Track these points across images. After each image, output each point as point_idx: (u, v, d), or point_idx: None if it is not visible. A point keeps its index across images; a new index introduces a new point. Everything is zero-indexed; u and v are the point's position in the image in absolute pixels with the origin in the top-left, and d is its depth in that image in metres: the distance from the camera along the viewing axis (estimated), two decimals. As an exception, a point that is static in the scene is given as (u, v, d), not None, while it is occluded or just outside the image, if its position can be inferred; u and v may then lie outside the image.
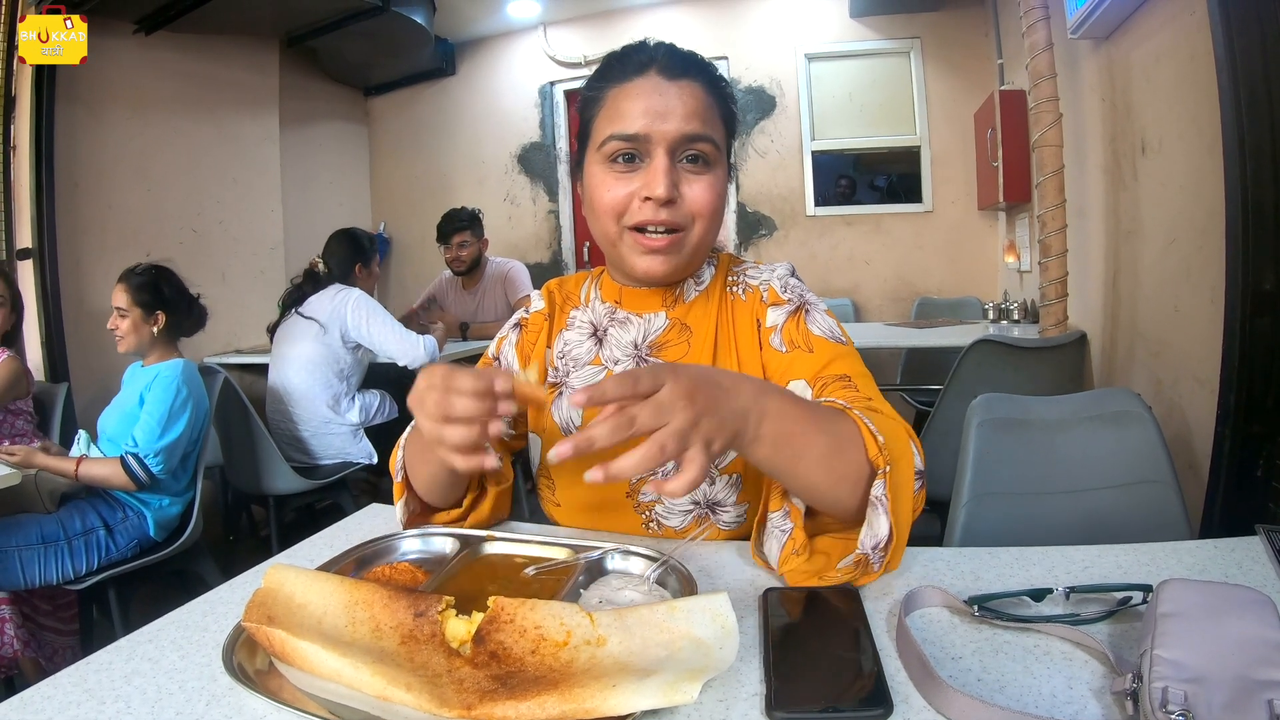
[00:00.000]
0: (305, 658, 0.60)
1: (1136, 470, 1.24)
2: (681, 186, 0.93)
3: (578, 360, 1.07)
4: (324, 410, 2.94)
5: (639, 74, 0.94)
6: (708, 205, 0.94)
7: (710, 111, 0.94)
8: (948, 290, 4.42)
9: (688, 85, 0.93)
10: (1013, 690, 0.58)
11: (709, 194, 0.94)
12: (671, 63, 0.94)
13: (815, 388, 0.91)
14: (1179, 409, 2.16)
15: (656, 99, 0.92)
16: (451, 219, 3.78)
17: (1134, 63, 2.44)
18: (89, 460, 2.12)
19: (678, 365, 0.67)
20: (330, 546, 0.94)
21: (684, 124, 0.91)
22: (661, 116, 0.91)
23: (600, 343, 1.07)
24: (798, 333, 0.97)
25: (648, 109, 0.92)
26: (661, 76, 0.93)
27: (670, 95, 0.92)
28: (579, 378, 1.06)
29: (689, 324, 1.04)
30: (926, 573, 0.80)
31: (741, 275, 1.07)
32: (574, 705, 0.54)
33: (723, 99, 0.97)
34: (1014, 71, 3.77)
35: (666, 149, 0.92)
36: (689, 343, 1.03)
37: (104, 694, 0.63)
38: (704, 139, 0.92)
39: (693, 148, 0.93)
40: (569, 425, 1.04)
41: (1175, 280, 2.22)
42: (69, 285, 3.27)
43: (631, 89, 0.93)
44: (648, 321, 1.05)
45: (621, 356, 1.04)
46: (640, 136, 0.92)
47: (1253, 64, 1.67)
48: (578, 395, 0.64)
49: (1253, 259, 1.69)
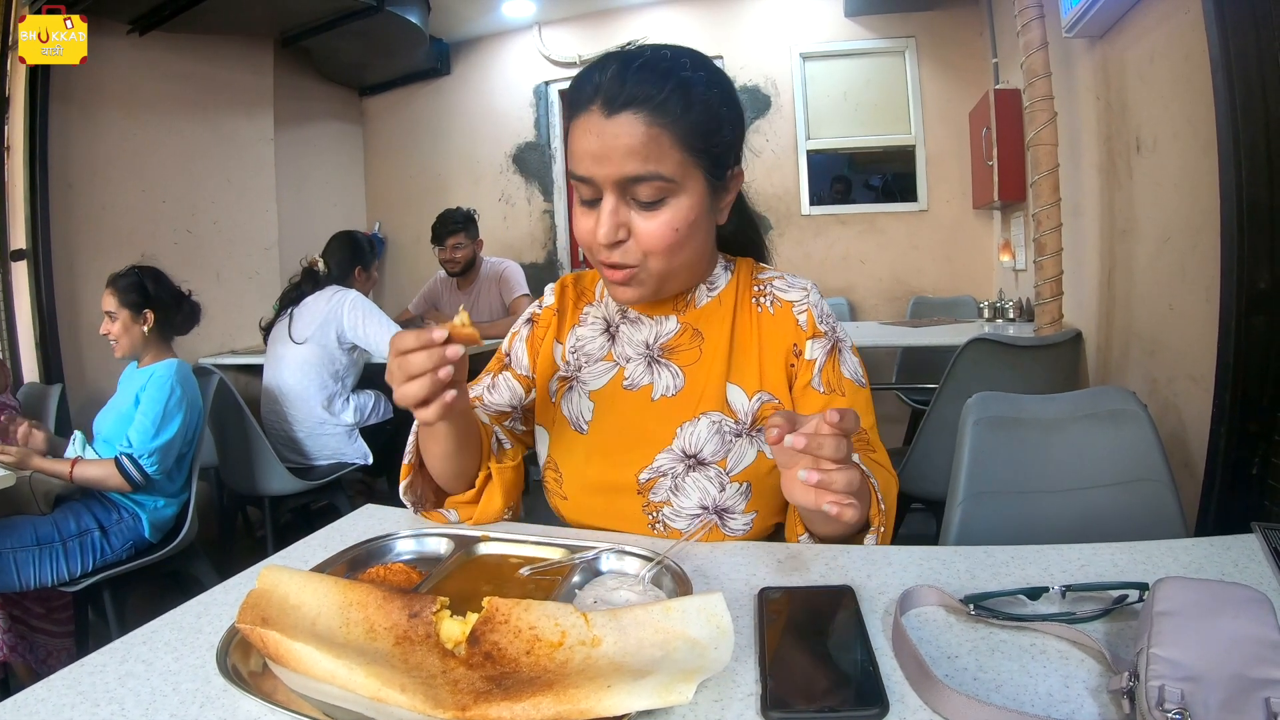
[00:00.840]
0: (299, 659, 0.59)
1: (1132, 469, 1.24)
2: (633, 224, 0.91)
3: (590, 356, 1.09)
4: (319, 411, 2.94)
5: (584, 110, 0.89)
6: (659, 242, 0.91)
7: (656, 143, 0.87)
8: (943, 289, 4.42)
9: (626, 120, 0.86)
10: (1009, 689, 0.58)
11: (661, 231, 0.90)
12: (611, 94, 0.87)
13: None
14: (1174, 407, 2.17)
15: (594, 140, 0.88)
16: (446, 220, 3.77)
17: (1129, 61, 2.44)
18: (84, 462, 2.11)
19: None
20: (325, 547, 0.93)
21: (622, 166, 0.87)
22: (599, 160, 0.88)
23: (613, 339, 1.09)
24: (834, 375, 1.02)
25: (587, 150, 0.89)
26: (601, 112, 0.87)
27: (607, 135, 0.87)
28: (591, 373, 1.08)
29: (700, 330, 1.05)
30: (922, 572, 0.80)
31: (769, 287, 1.06)
32: (569, 706, 0.53)
33: (679, 117, 0.88)
34: (1009, 70, 3.77)
35: (612, 191, 0.89)
36: (700, 349, 1.04)
37: (98, 696, 0.63)
38: (647, 179, 0.88)
39: (637, 188, 0.89)
40: (579, 420, 1.05)
41: (1170, 279, 2.22)
42: (63, 286, 3.26)
43: (578, 127, 0.90)
44: (659, 323, 1.07)
45: (634, 355, 1.06)
46: (588, 179, 0.90)
47: (1247, 63, 1.68)
48: (799, 439, 0.70)
49: (1248, 257, 1.69)
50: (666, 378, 1.03)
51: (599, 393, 1.06)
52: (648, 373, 1.05)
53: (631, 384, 1.05)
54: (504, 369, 1.15)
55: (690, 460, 0.99)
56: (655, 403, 1.03)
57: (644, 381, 1.04)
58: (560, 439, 1.07)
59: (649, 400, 1.03)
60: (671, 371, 1.04)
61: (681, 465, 0.99)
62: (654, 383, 1.04)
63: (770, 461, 0.99)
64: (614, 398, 1.05)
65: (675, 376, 1.03)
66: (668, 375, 1.04)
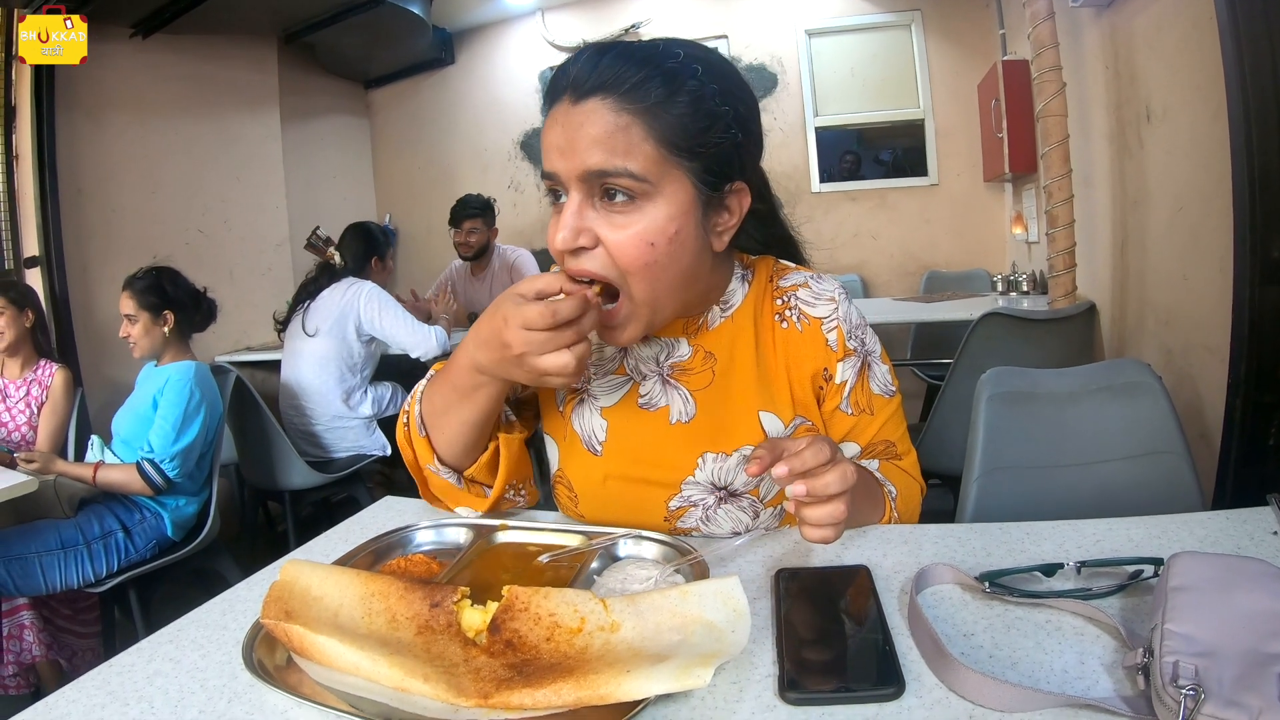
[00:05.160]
0: (323, 652, 0.60)
1: (1148, 441, 1.24)
2: (600, 233, 0.79)
3: (600, 367, 1.01)
4: (337, 404, 2.96)
5: (556, 101, 0.80)
6: (633, 259, 0.78)
7: (625, 134, 0.76)
8: (955, 264, 4.39)
9: (593, 106, 0.76)
10: (1025, 666, 0.59)
11: (632, 244, 0.78)
12: (581, 78, 0.77)
13: (865, 454, 0.99)
14: (1189, 378, 2.15)
15: (560, 132, 0.78)
16: (465, 204, 3.81)
17: (1136, 30, 2.41)
18: (106, 466, 2.14)
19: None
20: (345, 541, 0.94)
21: (584, 158, 0.76)
22: (563, 151, 0.78)
23: (625, 350, 1.00)
24: (863, 395, 0.97)
25: (553, 143, 0.79)
26: (570, 100, 0.78)
27: (572, 124, 0.77)
28: (601, 386, 1.00)
29: (715, 353, 0.97)
30: (938, 550, 0.81)
31: (794, 299, 0.97)
32: (589, 691, 0.54)
33: (658, 107, 0.77)
34: (1016, 42, 3.72)
35: (576, 189, 0.79)
36: (713, 370, 0.96)
37: (127, 695, 0.64)
38: (612, 174, 0.76)
39: (604, 184, 0.77)
40: (591, 439, 0.98)
41: (1183, 248, 2.20)
42: (77, 291, 3.29)
43: (547, 121, 0.81)
44: (669, 345, 0.98)
45: (646, 371, 0.98)
46: (553, 175, 0.80)
47: (1256, 29, 1.65)
48: (781, 469, 0.70)
49: (1261, 226, 1.68)
50: (679, 401, 0.96)
51: (612, 410, 0.98)
52: (663, 394, 0.97)
53: (648, 403, 0.97)
54: None
55: (721, 492, 0.94)
56: (673, 427, 0.96)
57: (661, 402, 0.97)
58: (572, 457, 1.00)
59: (666, 424, 0.96)
60: (683, 395, 0.96)
61: (713, 497, 0.94)
62: (670, 405, 0.96)
63: None
64: (628, 418, 0.98)
65: (686, 402, 0.96)
66: (679, 399, 0.96)
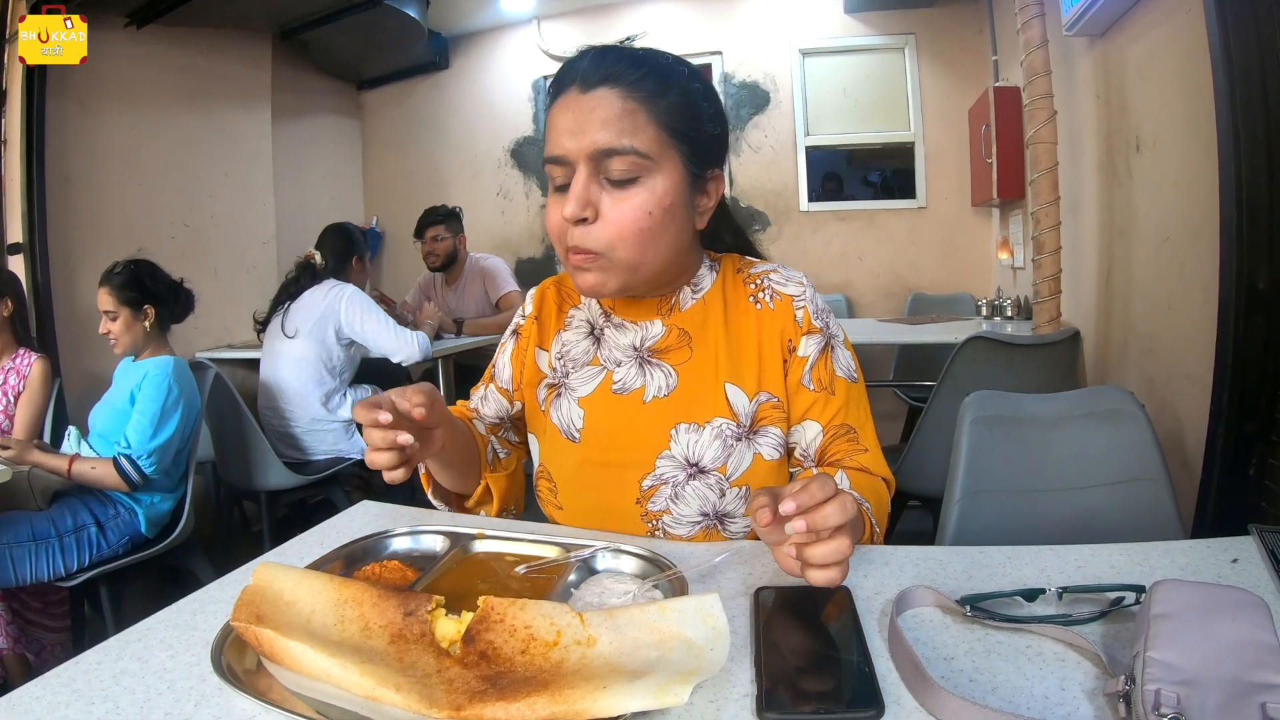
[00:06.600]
0: (294, 657, 0.59)
1: (1129, 468, 1.24)
2: (603, 207, 0.89)
3: (576, 361, 1.06)
4: (316, 407, 2.93)
5: (563, 91, 0.91)
6: (629, 225, 0.89)
7: (631, 117, 0.87)
8: (941, 286, 4.41)
9: (603, 94, 0.88)
10: (1005, 691, 0.58)
11: (632, 214, 0.89)
12: (589, 72, 0.89)
13: (827, 435, 1.00)
14: (1172, 407, 2.17)
15: (571, 116, 0.88)
16: (428, 214, 3.82)
17: (1129, 60, 2.44)
18: (82, 459, 2.11)
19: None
20: (321, 544, 0.93)
21: (596, 137, 0.87)
22: (574, 133, 0.88)
23: (598, 342, 1.06)
24: (825, 372, 1.01)
25: (564, 127, 0.89)
26: (579, 90, 0.89)
27: (583, 109, 0.88)
28: (579, 378, 1.05)
29: (689, 331, 1.02)
30: (919, 572, 0.80)
31: (766, 281, 1.03)
32: (564, 706, 0.53)
33: (657, 96, 0.89)
34: (1009, 68, 3.76)
35: (585, 166, 0.88)
36: (691, 348, 1.02)
37: (93, 694, 0.62)
38: (620, 152, 0.87)
39: (610, 162, 0.88)
40: (569, 428, 1.03)
41: (1168, 278, 2.22)
42: (60, 280, 3.25)
43: (556, 109, 0.91)
44: (644, 328, 1.04)
45: (622, 358, 1.03)
46: (561, 158, 0.90)
47: (1248, 61, 1.67)
48: (788, 504, 0.66)
49: (1247, 257, 1.69)
50: (660, 378, 1.01)
51: (588, 399, 1.03)
52: (640, 375, 1.02)
53: (622, 388, 1.02)
54: (492, 381, 1.15)
55: (692, 469, 0.97)
56: (647, 405, 1.00)
57: (635, 384, 1.02)
58: (552, 448, 1.05)
59: (640, 404, 1.01)
60: (664, 371, 1.01)
61: (683, 474, 0.97)
62: (646, 384, 1.01)
63: (768, 464, 0.98)
64: (604, 403, 1.02)
65: (669, 376, 1.01)
66: (660, 375, 1.01)
